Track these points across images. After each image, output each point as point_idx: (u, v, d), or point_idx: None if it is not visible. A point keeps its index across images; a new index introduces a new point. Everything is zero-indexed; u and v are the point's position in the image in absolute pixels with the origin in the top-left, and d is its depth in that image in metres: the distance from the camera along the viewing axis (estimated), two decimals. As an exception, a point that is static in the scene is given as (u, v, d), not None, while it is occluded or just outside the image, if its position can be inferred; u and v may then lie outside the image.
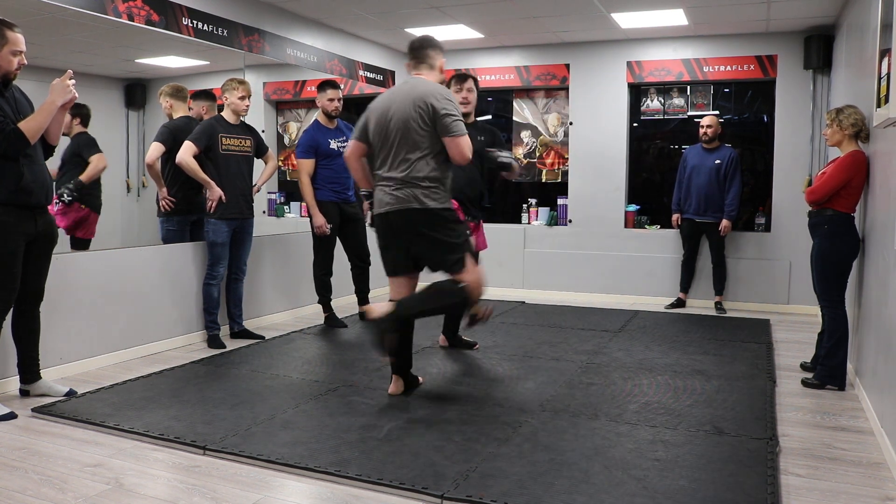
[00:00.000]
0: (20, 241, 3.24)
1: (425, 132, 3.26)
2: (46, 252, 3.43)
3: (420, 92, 3.27)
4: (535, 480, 2.56)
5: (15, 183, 3.17)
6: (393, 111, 3.30)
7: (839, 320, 3.72)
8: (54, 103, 3.19)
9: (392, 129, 3.31)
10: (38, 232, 3.32)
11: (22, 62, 3.18)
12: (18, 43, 3.14)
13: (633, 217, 6.73)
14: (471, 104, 4.20)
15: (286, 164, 6.99)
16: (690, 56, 6.46)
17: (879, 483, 2.62)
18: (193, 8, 4.72)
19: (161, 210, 4.74)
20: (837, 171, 3.65)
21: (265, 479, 2.63)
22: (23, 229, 3.24)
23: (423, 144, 3.27)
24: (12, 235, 3.20)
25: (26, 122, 3.15)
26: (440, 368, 4.13)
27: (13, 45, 3.12)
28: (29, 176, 3.20)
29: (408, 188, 3.29)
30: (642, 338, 4.99)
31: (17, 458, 2.80)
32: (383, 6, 5.54)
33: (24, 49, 3.17)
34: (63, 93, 3.20)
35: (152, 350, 4.47)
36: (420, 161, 3.27)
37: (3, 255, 3.19)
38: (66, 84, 3.20)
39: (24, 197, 3.20)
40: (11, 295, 3.27)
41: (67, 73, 3.22)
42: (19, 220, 3.22)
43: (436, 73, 3.46)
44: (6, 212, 3.17)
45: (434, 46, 3.47)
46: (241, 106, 4.60)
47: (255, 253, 5.21)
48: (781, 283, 6.23)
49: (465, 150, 3.25)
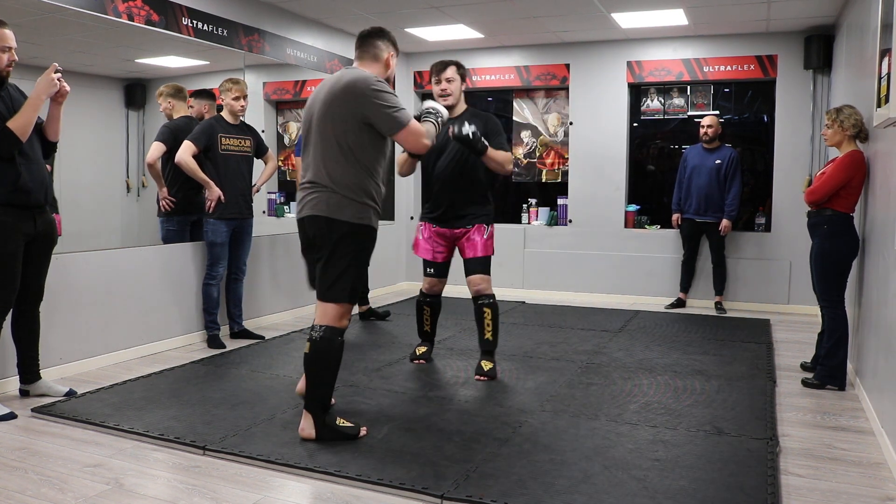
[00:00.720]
0: (20, 242, 3.23)
1: (345, 129, 2.82)
2: (46, 252, 3.43)
3: (346, 82, 2.82)
4: (535, 480, 2.56)
5: (12, 183, 3.15)
6: (315, 106, 2.91)
7: (839, 320, 3.72)
8: (39, 97, 3.17)
9: (312, 127, 2.92)
10: (38, 232, 3.31)
11: (12, 58, 3.14)
12: (7, 39, 3.10)
13: (633, 217, 6.73)
14: (452, 96, 3.81)
15: (286, 164, 6.99)
16: (690, 56, 6.46)
17: (879, 483, 2.62)
18: (193, 8, 4.72)
19: (161, 210, 4.74)
20: (837, 172, 3.65)
21: (265, 479, 2.63)
22: (22, 229, 3.23)
23: (342, 144, 2.83)
24: (12, 236, 3.19)
25: (14, 120, 3.11)
26: (440, 369, 4.13)
27: (1, 42, 3.09)
28: (27, 175, 3.19)
29: (320, 193, 2.87)
30: (642, 338, 4.99)
31: (17, 458, 2.80)
32: (383, 6, 5.54)
33: (13, 45, 3.13)
34: (48, 86, 3.17)
35: (152, 350, 4.47)
36: (336, 164, 2.84)
37: (3, 255, 3.18)
38: (50, 77, 3.16)
39: (22, 197, 3.19)
40: (11, 295, 3.27)
41: (52, 67, 3.18)
42: (18, 221, 3.21)
43: (379, 66, 3.01)
44: (5, 212, 3.16)
45: (383, 38, 3.04)
46: (236, 106, 4.60)
47: (255, 253, 5.21)
48: (781, 283, 6.23)
49: (419, 136, 2.88)
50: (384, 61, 3.04)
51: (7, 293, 3.24)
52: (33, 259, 3.36)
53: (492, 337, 3.93)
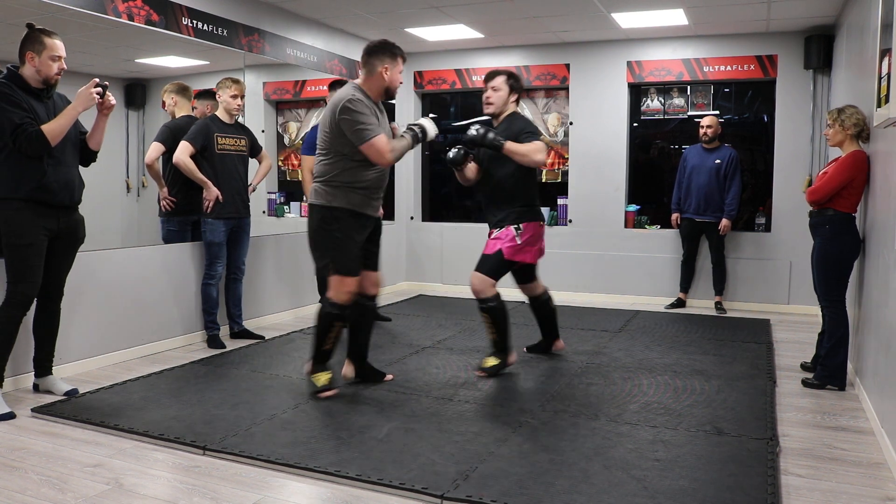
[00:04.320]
0: (39, 235, 3.30)
1: (328, 135, 3.44)
2: (69, 250, 3.51)
3: (334, 100, 3.44)
4: (535, 480, 2.56)
5: (37, 181, 3.25)
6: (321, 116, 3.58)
7: (839, 320, 3.72)
8: (77, 109, 3.30)
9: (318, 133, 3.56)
10: (61, 229, 3.39)
11: (62, 67, 3.28)
12: (57, 49, 3.26)
13: (633, 217, 6.73)
14: (494, 105, 3.98)
15: (286, 164, 6.99)
16: (690, 56, 6.45)
17: (880, 483, 2.62)
18: (193, 8, 4.72)
19: (162, 210, 4.74)
20: (839, 171, 3.65)
21: (265, 479, 2.63)
22: (42, 224, 3.30)
23: (324, 147, 3.46)
24: (29, 229, 3.27)
25: (48, 125, 3.23)
26: (440, 368, 4.13)
27: (52, 51, 3.24)
28: (52, 176, 3.29)
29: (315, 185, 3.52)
30: (642, 338, 4.99)
31: (17, 458, 2.80)
32: (383, 6, 5.54)
33: (63, 54, 3.28)
34: (86, 100, 3.29)
35: (152, 350, 4.47)
36: (322, 163, 3.48)
37: (20, 247, 3.26)
38: (89, 92, 3.28)
39: (44, 195, 3.28)
40: (31, 290, 3.33)
41: (92, 82, 3.30)
42: (38, 216, 3.29)
43: (374, 78, 3.49)
44: (25, 206, 3.25)
45: (375, 53, 3.49)
46: (233, 105, 4.59)
47: (255, 253, 5.21)
48: (781, 283, 6.23)
49: (381, 152, 3.36)
50: (378, 74, 3.48)
51: (26, 286, 3.30)
52: (56, 255, 3.44)
53: (496, 337, 3.97)
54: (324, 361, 3.59)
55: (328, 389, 3.55)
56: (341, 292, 3.48)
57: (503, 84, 3.98)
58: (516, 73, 4.09)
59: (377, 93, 3.51)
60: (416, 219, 7.53)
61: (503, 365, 3.99)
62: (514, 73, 4.06)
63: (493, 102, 3.98)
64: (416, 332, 4.91)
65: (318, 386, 3.56)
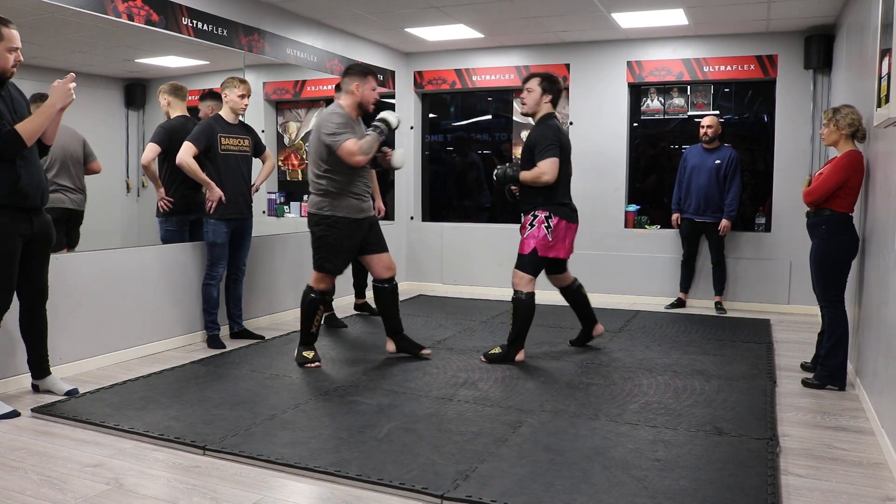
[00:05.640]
0: (17, 243, 3.24)
1: (318, 151, 3.99)
2: (44, 251, 3.44)
3: (318, 120, 4.05)
4: (535, 480, 2.56)
5: (11, 185, 3.15)
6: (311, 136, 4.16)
7: (839, 320, 3.72)
8: (54, 106, 3.17)
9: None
10: (34, 232, 3.32)
11: (18, 59, 3.14)
12: (14, 39, 3.10)
13: (633, 217, 6.73)
14: (527, 105, 4.25)
15: (286, 164, 6.99)
16: (690, 56, 6.45)
17: (880, 483, 2.62)
18: (193, 8, 4.72)
19: (159, 210, 4.74)
20: (834, 172, 3.65)
21: (265, 479, 2.63)
22: (19, 230, 3.24)
23: (313, 157, 4.02)
24: (9, 238, 3.20)
25: (24, 125, 3.12)
26: (440, 368, 4.13)
27: (9, 42, 3.08)
28: (25, 178, 3.19)
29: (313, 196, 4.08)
30: (642, 338, 5.00)
31: (17, 458, 2.80)
32: (383, 6, 5.54)
33: (19, 46, 3.13)
34: (64, 96, 3.18)
35: (152, 350, 4.47)
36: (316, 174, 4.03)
37: (1, 256, 3.19)
38: (67, 87, 3.18)
39: (19, 199, 3.19)
40: (9, 295, 3.28)
41: (69, 77, 3.20)
42: (15, 222, 3.21)
43: (349, 97, 4.04)
44: (2, 213, 3.16)
45: (348, 73, 4.07)
46: (241, 104, 4.60)
47: (255, 253, 5.21)
48: (781, 283, 6.23)
49: (350, 153, 3.87)
50: (350, 91, 4.04)
51: (5, 294, 3.25)
52: (33, 259, 3.37)
53: (513, 329, 4.27)
54: (311, 343, 4.18)
55: (314, 362, 4.13)
56: (321, 284, 4.12)
57: (536, 86, 4.20)
58: (552, 76, 4.28)
59: (352, 108, 4.04)
60: (416, 219, 7.53)
61: (506, 358, 4.21)
62: (549, 76, 4.27)
63: (526, 103, 4.26)
64: (416, 332, 4.90)
65: (307, 358, 4.13)
